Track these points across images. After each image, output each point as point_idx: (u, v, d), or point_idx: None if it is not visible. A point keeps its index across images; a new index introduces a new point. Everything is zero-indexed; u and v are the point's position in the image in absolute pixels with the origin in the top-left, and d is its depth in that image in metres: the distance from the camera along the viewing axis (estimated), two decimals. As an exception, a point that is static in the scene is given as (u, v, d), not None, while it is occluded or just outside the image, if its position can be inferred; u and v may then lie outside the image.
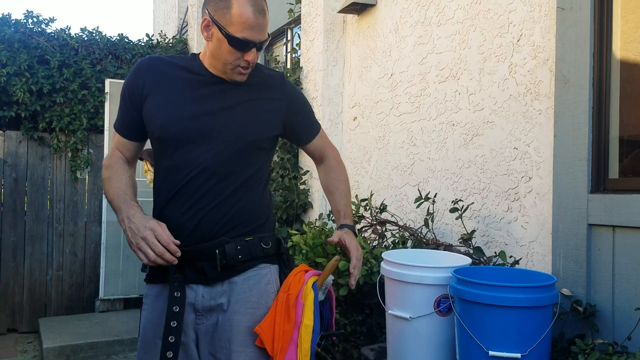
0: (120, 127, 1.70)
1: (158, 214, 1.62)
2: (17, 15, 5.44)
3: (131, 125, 1.68)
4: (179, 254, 1.48)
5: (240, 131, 1.60)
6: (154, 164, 1.71)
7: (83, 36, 5.43)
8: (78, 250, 5.40)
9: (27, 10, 5.16)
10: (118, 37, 5.63)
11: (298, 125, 1.78)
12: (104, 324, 4.75)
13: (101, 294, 5.12)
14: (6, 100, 5.00)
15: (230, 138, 1.59)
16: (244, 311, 1.59)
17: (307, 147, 1.87)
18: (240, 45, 1.53)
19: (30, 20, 5.18)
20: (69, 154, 5.31)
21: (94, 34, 5.47)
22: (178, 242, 1.48)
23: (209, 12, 1.54)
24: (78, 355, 4.23)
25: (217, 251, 1.57)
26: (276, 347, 1.54)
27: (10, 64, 4.89)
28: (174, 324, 1.50)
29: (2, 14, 5.04)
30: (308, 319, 1.57)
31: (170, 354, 1.47)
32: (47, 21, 5.27)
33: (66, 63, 5.21)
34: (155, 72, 1.63)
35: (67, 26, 5.37)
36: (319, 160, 1.91)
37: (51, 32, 5.27)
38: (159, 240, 1.46)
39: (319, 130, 1.87)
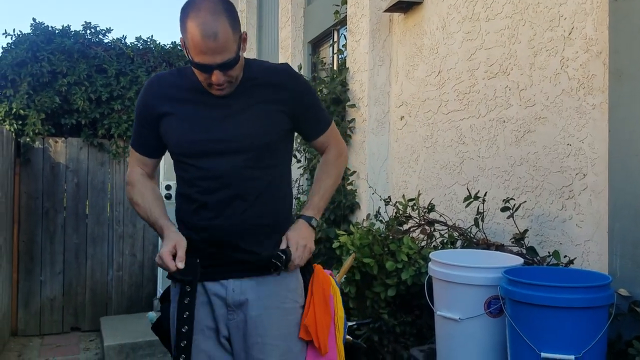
0: (137, 145, 1.77)
1: (185, 222, 1.69)
2: (76, 26, 5.66)
3: (147, 144, 1.75)
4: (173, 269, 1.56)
5: (252, 137, 1.63)
6: (175, 174, 1.76)
7: (138, 45, 5.61)
8: (137, 251, 5.60)
9: (85, 22, 5.40)
10: (171, 45, 5.79)
11: (302, 121, 1.77)
12: (162, 322, 4.90)
13: (159, 294, 5.28)
14: (67, 108, 5.24)
15: (244, 146, 1.63)
16: (274, 305, 1.66)
17: (312, 142, 1.86)
18: (199, 68, 1.55)
19: (88, 32, 5.41)
20: (127, 159, 5.51)
21: (148, 43, 5.65)
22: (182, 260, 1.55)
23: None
24: (137, 352, 4.38)
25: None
26: (320, 336, 1.67)
27: (71, 74, 5.12)
28: (185, 329, 1.59)
29: (62, 26, 5.29)
30: (341, 311, 1.76)
31: (183, 357, 1.57)
32: (104, 32, 5.49)
33: (123, 71, 5.40)
34: (165, 91, 1.68)
35: (123, 36, 5.57)
36: (321, 153, 1.90)
37: (108, 42, 5.47)
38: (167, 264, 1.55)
39: (326, 129, 1.83)
